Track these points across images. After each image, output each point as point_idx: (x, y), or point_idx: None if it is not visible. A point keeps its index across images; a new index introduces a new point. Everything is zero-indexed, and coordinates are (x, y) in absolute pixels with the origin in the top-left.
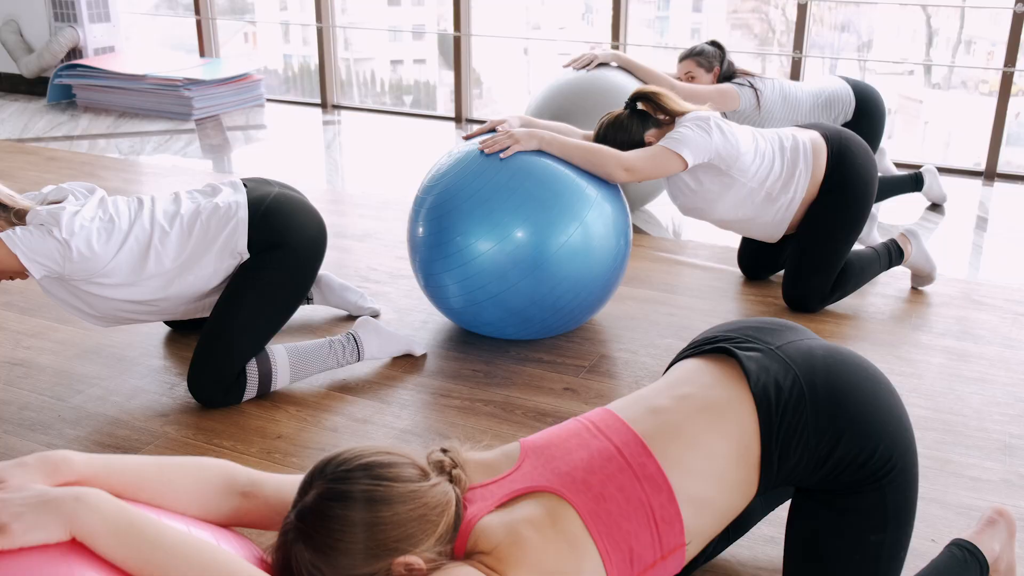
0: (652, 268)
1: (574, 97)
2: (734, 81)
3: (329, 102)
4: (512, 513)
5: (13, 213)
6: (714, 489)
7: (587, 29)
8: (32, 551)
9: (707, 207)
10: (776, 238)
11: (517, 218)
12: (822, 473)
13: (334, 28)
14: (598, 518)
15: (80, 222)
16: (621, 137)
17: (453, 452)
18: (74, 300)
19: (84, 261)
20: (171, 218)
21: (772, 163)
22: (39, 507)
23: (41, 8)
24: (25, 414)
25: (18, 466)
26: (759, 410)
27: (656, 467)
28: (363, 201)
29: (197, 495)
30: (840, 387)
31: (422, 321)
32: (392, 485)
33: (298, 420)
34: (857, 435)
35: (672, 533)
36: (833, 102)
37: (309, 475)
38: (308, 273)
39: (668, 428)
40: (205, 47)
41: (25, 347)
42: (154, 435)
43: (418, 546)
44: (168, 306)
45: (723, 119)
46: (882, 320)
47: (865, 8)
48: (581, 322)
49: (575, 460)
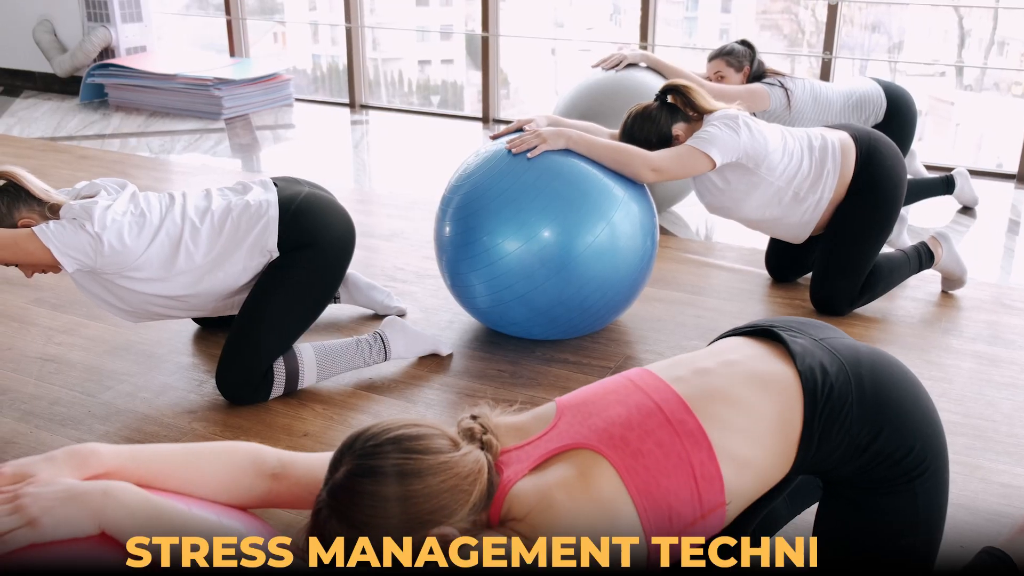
0: (679, 269)
1: (602, 97)
2: (764, 81)
3: (357, 102)
4: (545, 476)
5: (47, 208)
6: (754, 450)
7: (615, 30)
8: (62, 544)
9: (734, 206)
10: (802, 239)
11: (544, 218)
12: (858, 464)
13: (363, 28)
14: (636, 474)
15: (112, 216)
16: (648, 128)
17: (483, 418)
18: (106, 294)
19: (115, 255)
20: (202, 214)
21: (800, 162)
22: (68, 501)
23: (75, 8)
24: (56, 409)
25: (47, 460)
26: (804, 389)
27: (696, 423)
28: (390, 201)
29: (227, 480)
30: (884, 383)
31: (448, 321)
32: (423, 457)
33: (324, 419)
34: (897, 431)
35: (712, 491)
36: (864, 103)
37: (338, 452)
38: (337, 273)
39: (710, 389)
40: (235, 47)
41: (56, 343)
42: (182, 432)
43: (452, 516)
44: (198, 302)
45: (751, 117)
46: (911, 324)
47: (896, 9)
48: (607, 323)
49: (612, 416)
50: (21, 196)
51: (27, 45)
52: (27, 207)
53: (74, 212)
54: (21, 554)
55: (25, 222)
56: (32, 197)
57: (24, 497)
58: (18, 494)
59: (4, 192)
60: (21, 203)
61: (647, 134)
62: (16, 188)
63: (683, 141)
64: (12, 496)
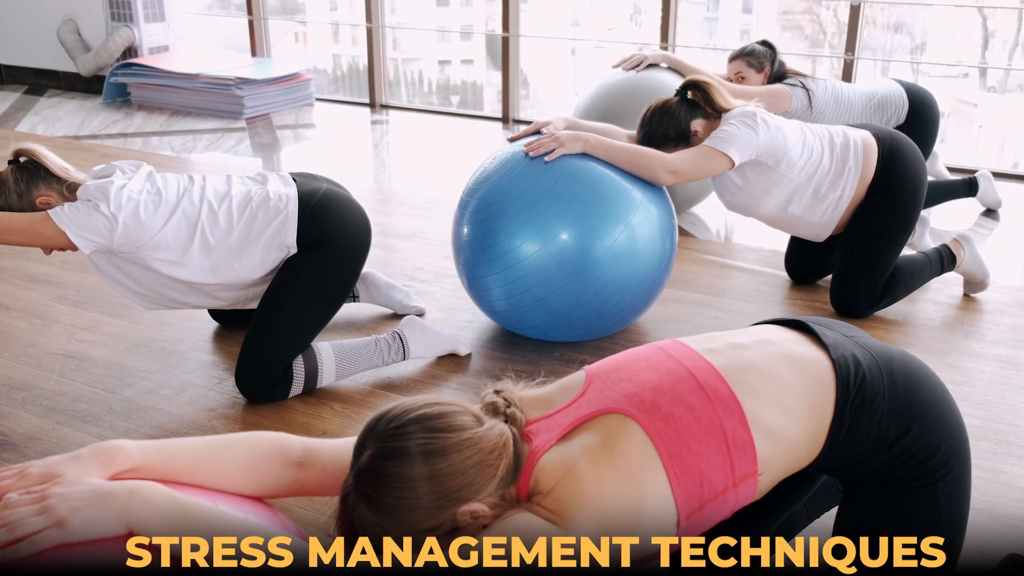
0: (698, 271)
1: (622, 97)
2: (785, 82)
3: (377, 102)
4: (571, 446)
5: (66, 186)
6: (786, 422)
7: (635, 30)
8: (90, 545)
9: (754, 204)
10: (823, 237)
11: (562, 221)
12: (883, 459)
13: (383, 28)
14: (667, 438)
15: (127, 195)
16: (667, 123)
17: (506, 391)
18: (122, 276)
19: (131, 233)
20: (221, 198)
21: (821, 158)
22: (96, 501)
23: (98, 8)
24: (78, 406)
25: (73, 459)
26: (838, 376)
27: (728, 390)
28: (410, 200)
29: (253, 471)
30: (915, 381)
31: (467, 321)
32: (447, 435)
33: (343, 417)
34: (926, 430)
35: (744, 459)
36: (886, 104)
37: (362, 436)
38: (353, 271)
39: (744, 362)
40: (257, 47)
41: (79, 340)
42: (202, 429)
43: (480, 492)
44: (213, 291)
45: (769, 113)
46: (933, 327)
47: (919, 9)
48: (626, 324)
49: (643, 381)
50: (40, 174)
51: (51, 44)
52: (46, 185)
53: (89, 193)
54: (49, 554)
55: (44, 200)
56: (51, 175)
57: (52, 497)
58: (45, 494)
59: (24, 169)
60: (40, 181)
61: (665, 128)
62: (35, 166)
63: (701, 137)
64: (40, 496)
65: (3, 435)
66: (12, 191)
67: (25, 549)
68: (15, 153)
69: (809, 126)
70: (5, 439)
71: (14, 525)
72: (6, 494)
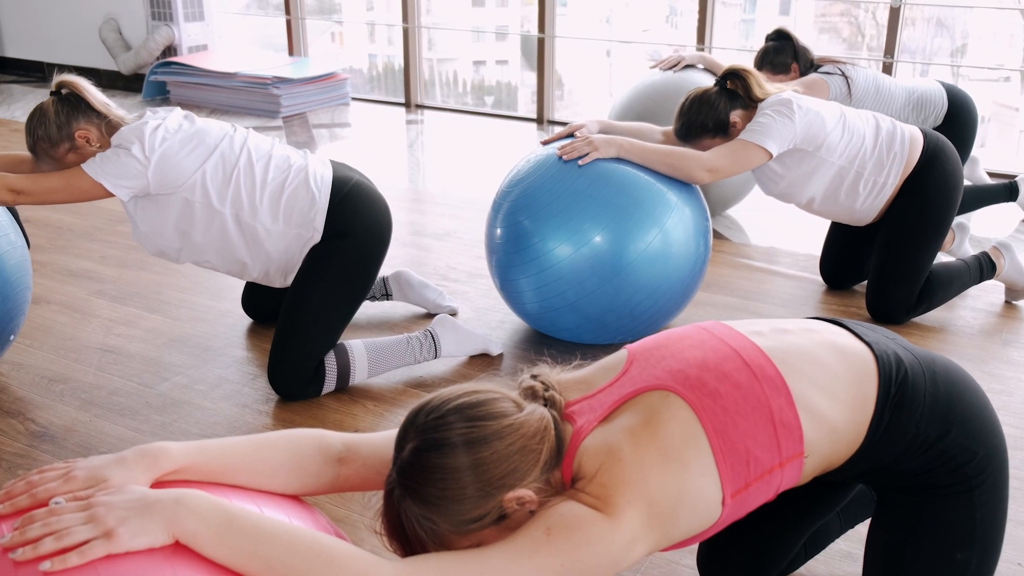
0: (732, 274)
1: (660, 98)
2: (821, 71)
3: (412, 101)
4: (613, 427)
5: (105, 123)
6: (832, 408)
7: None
8: (138, 555)
9: (795, 191)
10: (865, 222)
11: (595, 225)
12: (920, 461)
13: (419, 28)
14: (713, 415)
15: (162, 135)
16: (706, 113)
17: (543, 375)
18: (155, 224)
19: (166, 174)
20: (262, 154)
21: (863, 139)
22: (143, 511)
23: (139, 7)
24: (115, 399)
25: (118, 463)
26: (880, 371)
27: (775, 370)
28: (444, 200)
29: (296, 470)
30: (957, 385)
31: (499, 321)
32: (487, 423)
33: (375, 415)
34: (965, 434)
35: (791, 439)
36: (925, 102)
37: (402, 429)
38: (373, 266)
39: (789, 345)
40: (294, 46)
41: (116, 334)
42: (235, 424)
43: (525, 478)
44: (238, 257)
45: (804, 97)
46: (971, 334)
47: (959, 11)
48: (659, 327)
49: (688, 358)
50: (81, 107)
51: (93, 43)
52: (86, 119)
53: (122, 137)
54: (97, 565)
55: (83, 134)
56: (92, 109)
57: (99, 507)
58: (92, 502)
59: (65, 101)
60: (80, 114)
61: (704, 119)
62: (77, 98)
63: (740, 128)
64: (86, 504)
65: (42, 427)
66: (52, 122)
67: (74, 560)
68: (57, 85)
69: (853, 109)
70: (43, 431)
71: (62, 533)
72: (52, 498)
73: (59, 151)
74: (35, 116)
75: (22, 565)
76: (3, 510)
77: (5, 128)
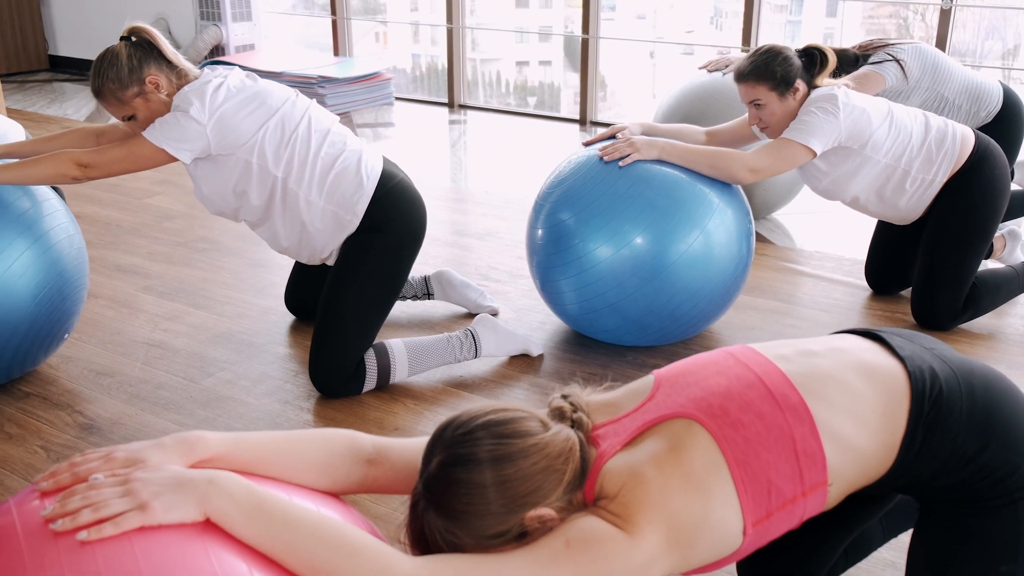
0: (775, 278)
1: (708, 98)
2: (872, 61)
3: (456, 101)
4: (637, 451)
5: (175, 72)
6: (858, 432)
7: (715, 33)
8: (170, 529)
9: (839, 188)
10: (909, 220)
11: (636, 226)
12: (960, 476)
13: (463, 29)
14: (735, 445)
15: (224, 94)
16: (779, 63)
17: (573, 396)
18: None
19: (225, 133)
20: (321, 126)
21: (910, 137)
22: (177, 488)
23: (188, 7)
24: (160, 393)
25: (157, 446)
26: (913, 389)
27: (799, 398)
28: (485, 200)
29: (326, 466)
30: (996, 397)
31: (540, 321)
32: (514, 441)
33: (415, 414)
34: (1005, 447)
35: (814, 468)
36: (982, 95)
37: (430, 443)
38: (405, 265)
39: (816, 369)
40: (339, 46)
41: (163, 329)
42: (277, 420)
43: (548, 497)
44: (274, 221)
45: (851, 93)
46: (1020, 342)
47: (1011, 13)
48: (700, 330)
49: (712, 386)
50: (153, 54)
51: None
52: (157, 66)
53: (182, 98)
54: (132, 536)
55: (153, 79)
56: (163, 57)
57: (135, 482)
58: (129, 478)
59: (137, 47)
60: (152, 61)
61: (774, 67)
62: (149, 45)
63: (797, 98)
64: (123, 479)
65: (89, 419)
66: (124, 65)
67: (109, 530)
68: (129, 31)
69: (903, 107)
70: (91, 423)
71: (99, 505)
72: (92, 475)
73: (127, 94)
74: (106, 58)
75: (62, 535)
76: (46, 487)
77: (57, 126)
